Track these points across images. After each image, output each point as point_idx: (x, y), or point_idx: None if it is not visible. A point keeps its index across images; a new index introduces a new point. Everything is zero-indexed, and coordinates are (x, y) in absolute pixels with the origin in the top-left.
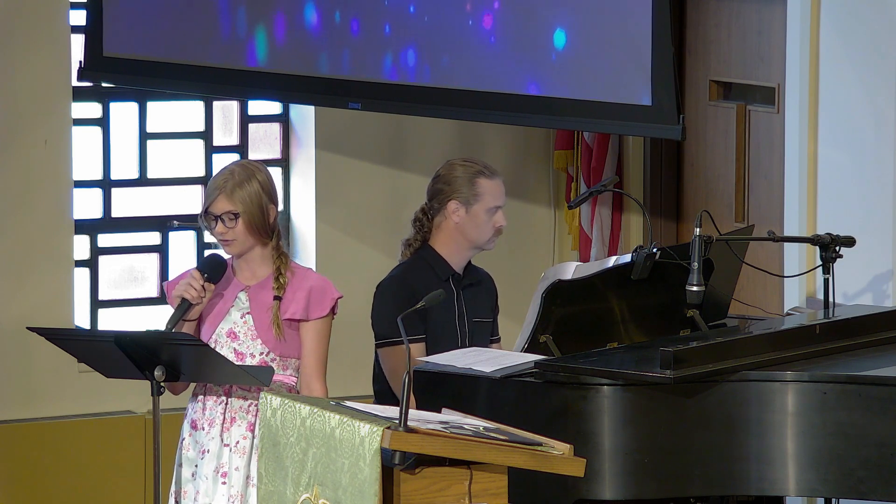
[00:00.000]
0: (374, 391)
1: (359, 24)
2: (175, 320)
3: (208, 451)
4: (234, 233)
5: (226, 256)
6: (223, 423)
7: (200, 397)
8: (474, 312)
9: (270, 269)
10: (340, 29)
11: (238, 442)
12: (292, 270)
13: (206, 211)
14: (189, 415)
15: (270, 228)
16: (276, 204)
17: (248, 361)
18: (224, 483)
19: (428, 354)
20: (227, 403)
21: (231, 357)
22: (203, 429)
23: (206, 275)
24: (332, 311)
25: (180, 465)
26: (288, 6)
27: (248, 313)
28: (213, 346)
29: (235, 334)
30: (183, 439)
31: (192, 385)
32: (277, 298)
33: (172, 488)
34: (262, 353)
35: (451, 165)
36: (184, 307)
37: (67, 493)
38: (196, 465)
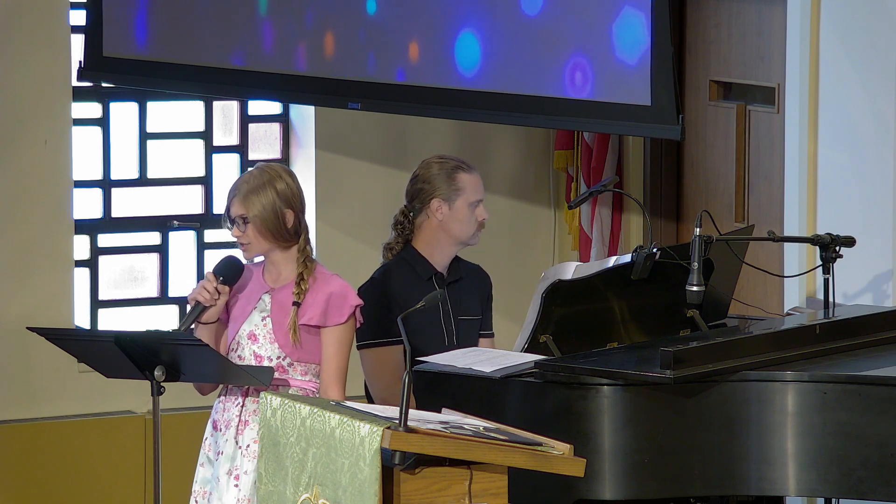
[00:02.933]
0: (366, 394)
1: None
2: (189, 322)
3: (223, 453)
4: (246, 236)
5: (244, 260)
6: (238, 426)
7: (223, 398)
8: (459, 310)
9: (294, 273)
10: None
11: (249, 445)
12: (315, 277)
13: (226, 213)
14: (212, 414)
15: (290, 233)
16: (295, 210)
17: (266, 364)
18: (236, 486)
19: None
20: (242, 405)
21: (250, 359)
22: (221, 430)
23: (220, 277)
24: (353, 317)
25: (202, 465)
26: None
27: (268, 316)
28: (235, 346)
29: (255, 336)
30: (205, 438)
31: (220, 385)
32: (296, 304)
33: (194, 487)
34: (278, 357)
35: (427, 164)
36: (197, 310)
37: (67, 493)
38: (214, 466)
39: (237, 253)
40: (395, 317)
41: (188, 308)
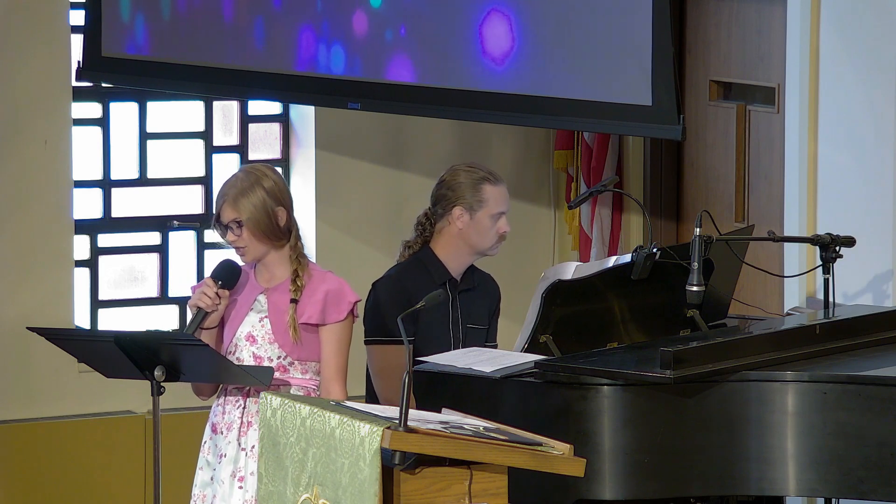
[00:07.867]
0: (366, 389)
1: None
2: (193, 329)
3: (225, 456)
4: (242, 240)
5: (240, 262)
6: (240, 428)
7: (221, 400)
8: (469, 318)
9: (288, 272)
10: (344, 27)
11: (254, 446)
12: (310, 273)
13: (216, 220)
14: (211, 418)
15: (282, 231)
16: (286, 207)
17: (267, 364)
18: (241, 488)
19: (416, 357)
20: (244, 407)
21: (250, 360)
22: (222, 433)
23: (220, 281)
24: (351, 314)
25: (201, 469)
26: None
27: (265, 317)
28: (232, 349)
29: (254, 338)
30: (204, 442)
31: (219, 388)
32: (294, 301)
33: (194, 491)
34: (279, 357)
35: (455, 171)
36: (200, 316)
37: (67, 493)
38: (214, 469)
39: (234, 256)
40: (407, 316)
41: (189, 314)
